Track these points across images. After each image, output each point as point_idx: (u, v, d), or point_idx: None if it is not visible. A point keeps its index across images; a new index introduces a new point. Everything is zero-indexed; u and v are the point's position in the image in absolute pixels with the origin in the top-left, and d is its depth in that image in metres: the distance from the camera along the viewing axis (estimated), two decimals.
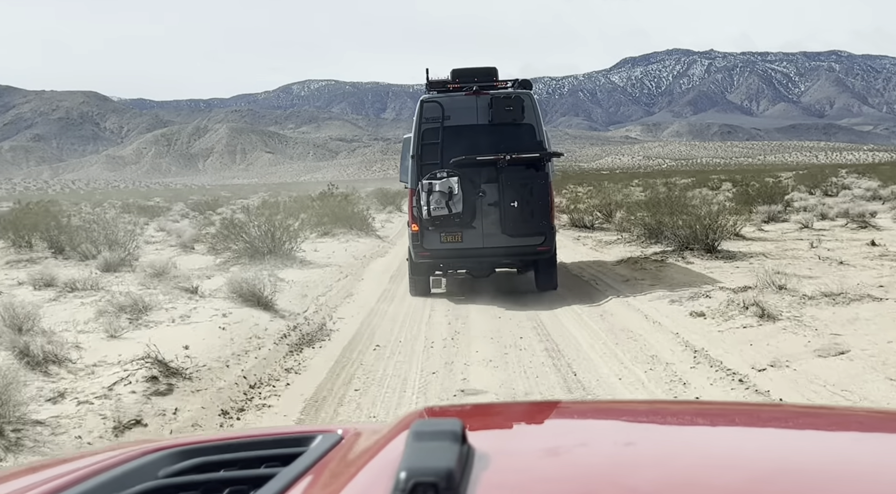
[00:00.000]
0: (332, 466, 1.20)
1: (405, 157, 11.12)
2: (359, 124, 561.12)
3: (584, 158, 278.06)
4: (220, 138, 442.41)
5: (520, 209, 10.39)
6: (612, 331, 8.27)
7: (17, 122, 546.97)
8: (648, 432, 1.39)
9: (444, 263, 11.02)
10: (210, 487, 1.26)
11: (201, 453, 1.40)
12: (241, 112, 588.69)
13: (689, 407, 1.90)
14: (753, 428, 1.42)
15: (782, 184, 36.26)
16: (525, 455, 1.17)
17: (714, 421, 1.46)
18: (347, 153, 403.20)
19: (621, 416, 1.57)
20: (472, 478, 0.97)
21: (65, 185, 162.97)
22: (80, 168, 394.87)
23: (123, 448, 1.49)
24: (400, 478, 0.89)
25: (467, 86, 10.97)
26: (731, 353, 6.89)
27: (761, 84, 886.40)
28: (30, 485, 1.28)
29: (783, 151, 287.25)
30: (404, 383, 6.55)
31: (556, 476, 1.04)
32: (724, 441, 1.30)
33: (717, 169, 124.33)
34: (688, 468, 1.10)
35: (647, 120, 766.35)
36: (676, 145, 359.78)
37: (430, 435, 1.02)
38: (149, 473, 1.31)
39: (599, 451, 1.20)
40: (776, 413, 1.63)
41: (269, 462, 1.33)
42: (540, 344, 7.83)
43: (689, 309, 8.87)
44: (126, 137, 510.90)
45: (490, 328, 8.75)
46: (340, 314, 9.87)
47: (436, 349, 7.79)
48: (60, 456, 1.65)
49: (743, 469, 1.06)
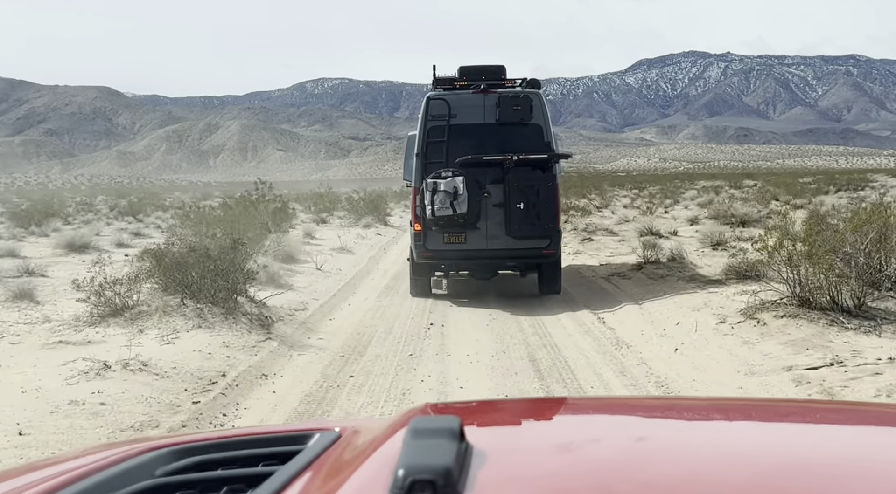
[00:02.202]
0: (330, 464, 1.19)
1: (409, 156, 10.90)
2: (371, 123, 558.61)
3: (598, 160, 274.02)
4: (231, 135, 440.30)
5: (525, 211, 10.15)
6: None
7: (29, 117, 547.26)
8: (656, 427, 1.38)
9: (447, 264, 10.85)
10: (207, 486, 1.25)
11: (198, 451, 1.39)
12: (253, 109, 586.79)
13: (695, 403, 1.84)
14: (766, 423, 1.41)
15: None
16: (524, 452, 1.17)
17: (721, 416, 1.45)
18: (359, 151, 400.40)
19: (621, 412, 1.55)
20: (470, 475, 0.96)
21: (66, 181, 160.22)
22: (91, 163, 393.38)
23: (120, 446, 1.48)
24: (398, 476, 0.89)
25: (475, 84, 10.70)
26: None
27: (778, 87, 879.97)
28: (26, 484, 1.27)
29: (802, 156, 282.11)
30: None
31: (554, 473, 1.03)
32: (736, 435, 1.29)
33: (738, 172, 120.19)
34: (686, 463, 1.08)
35: (662, 122, 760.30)
36: (693, 148, 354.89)
37: (428, 433, 1.02)
38: (146, 472, 1.30)
39: (598, 447, 1.19)
40: (789, 409, 1.61)
41: (266, 461, 1.33)
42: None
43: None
44: (138, 133, 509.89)
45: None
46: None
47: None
48: (57, 456, 1.65)
49: (755, 463, 1.05)
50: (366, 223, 24.94)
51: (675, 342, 7.76)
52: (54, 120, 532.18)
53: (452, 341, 8.27)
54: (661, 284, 10.96)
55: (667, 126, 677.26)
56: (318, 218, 27.62)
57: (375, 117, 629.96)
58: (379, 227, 24.64)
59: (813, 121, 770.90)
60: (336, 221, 27.17)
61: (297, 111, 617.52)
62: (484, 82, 10.71)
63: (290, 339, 8.22)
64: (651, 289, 10.72)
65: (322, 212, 28.95)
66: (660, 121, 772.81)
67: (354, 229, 23.13)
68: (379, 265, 15.36)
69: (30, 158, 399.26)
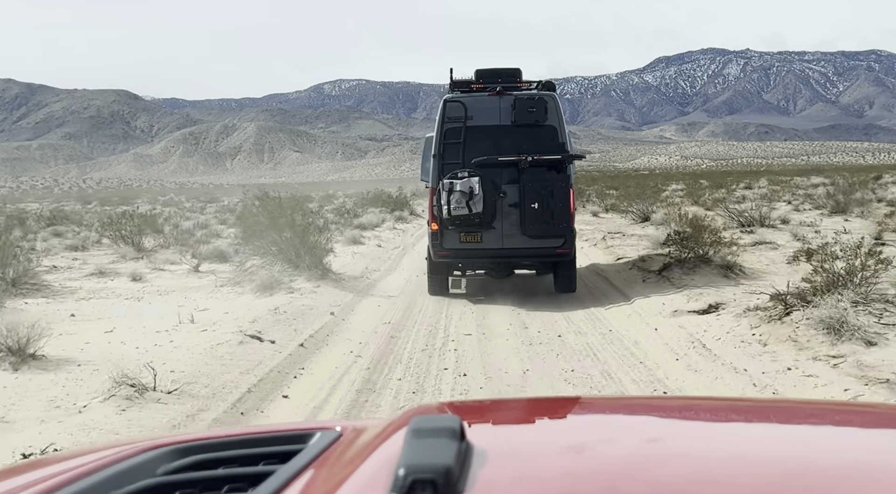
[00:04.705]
0: (331, 463, 1.20)
1: (426, 157, 11.17)
2: (389, 123, 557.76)
3: (618, 158, 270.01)
4: (247, 137, 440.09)
5: (540, 210, 10.32)
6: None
7: (48, 121, 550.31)
8: (664, 428, 1.36)
9: (463, 263, 11.01)
10: (209, 484, 1.25)
11: (200, 450, 1.39)
12: (270, 111, 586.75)
13: (703, 403, 1.84)
14: (779, 424, 1.39)
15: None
16: (526, 452, 1.16)
17: (732, 417, 1.44)
18: (376, 152, 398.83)
19: (627, 412, 1.53)
20: (471, 475, 0.96)
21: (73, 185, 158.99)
22: (108, 166, 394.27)
23: (122, 445, 1.48)
24: (398, 475, 0.89)
25: (491, 86, 10.90)
26: None
27: (798, 84, 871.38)
28: (29, 483, 1.28)
29: (826, 152, 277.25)
30: None
31: (557, 473, 1.03)
32: (748, 436, 1.27)
33: (760, 169, 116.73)
34: (696, 464, 1.07)
35: (681, 120, 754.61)
36: (714, 145, 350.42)
37: (429, 432, 1.01)
38: (147, 471, 1.31)
39: (603, 447, 1.18)
40: (803, 410, 1.57)
41: (267, 460, 1.33)
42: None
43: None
44: (156, 136, 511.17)
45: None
46: None
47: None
48: (59, 454, 1.61)
49: (768, 465, 1.03)
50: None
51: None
52: (72, 124, 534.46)
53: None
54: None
55: (686, 123, 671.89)
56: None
57: (392, 118, 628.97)
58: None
59: (835, 117, 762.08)
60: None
61: (315, 112, 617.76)
62: (500, 85, 10.87)
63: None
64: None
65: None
66: (679, 119, 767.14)
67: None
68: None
69: (47, 162, 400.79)
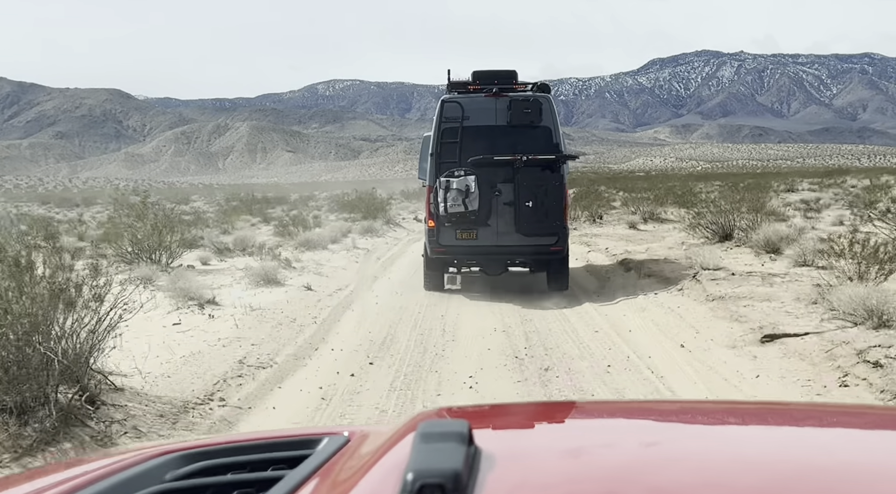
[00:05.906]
0: (339, 468, 1.20)
1: (424, 156, 11.36)
2: (383, 124, 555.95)
3: (613, 160, 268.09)
4: (240, 137, 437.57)
5: (534, 209, 10.52)
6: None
7: (40, 119, 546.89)
8: (667, 432, 1.36)
9: (459, 260, 11.17)
10: (217, 490, 1.26)
11: (208, 456, 1.39)
12: (264, 111, 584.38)
13: (706, 407, 1.83)
14: (778, 427, 1.39)
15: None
16: (533, 456, 1.16)
17: (733, 420, 1.43)
18: (370, 153, 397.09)
19: (632, 416, 1.53)
20: (479, 479, 0.97)
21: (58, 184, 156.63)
22: (99, 165, 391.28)
23: (130, 452, 1.48)
24: (407, 480, 0.89)
25: (487, 87, 11.09)
26: None
27: (792, 86, 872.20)
28: (38, 489, 1.28)
29: (821, 155, 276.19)
30: None
31: (564, 477, 1.03)
32: (748, 440, 1.27)
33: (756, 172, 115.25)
34: (698, 468, 1.07)
35: (675, 122, 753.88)
36: (708, 147, 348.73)
37: (437, 437, 1.01)
38: (156, 476, 1.31)
39: (608, 452, 1.18)
40: (802, 412, 1.58)
41: (276, 465, 1.33)
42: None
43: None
44: (148, 136, 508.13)
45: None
46: None
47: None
48: (68, 460, 1.55)
49: (767, 468, 1.03)
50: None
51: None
52: (64, 122, 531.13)
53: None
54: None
55: (680, 125, 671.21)
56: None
57: (386, 118, 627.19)
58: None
59: (828, 120, 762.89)
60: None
61: (308, 112, 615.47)
62: (496, 86, 11.05)
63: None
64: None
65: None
66: (673, 121, 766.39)
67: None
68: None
69: (38, 161, 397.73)
